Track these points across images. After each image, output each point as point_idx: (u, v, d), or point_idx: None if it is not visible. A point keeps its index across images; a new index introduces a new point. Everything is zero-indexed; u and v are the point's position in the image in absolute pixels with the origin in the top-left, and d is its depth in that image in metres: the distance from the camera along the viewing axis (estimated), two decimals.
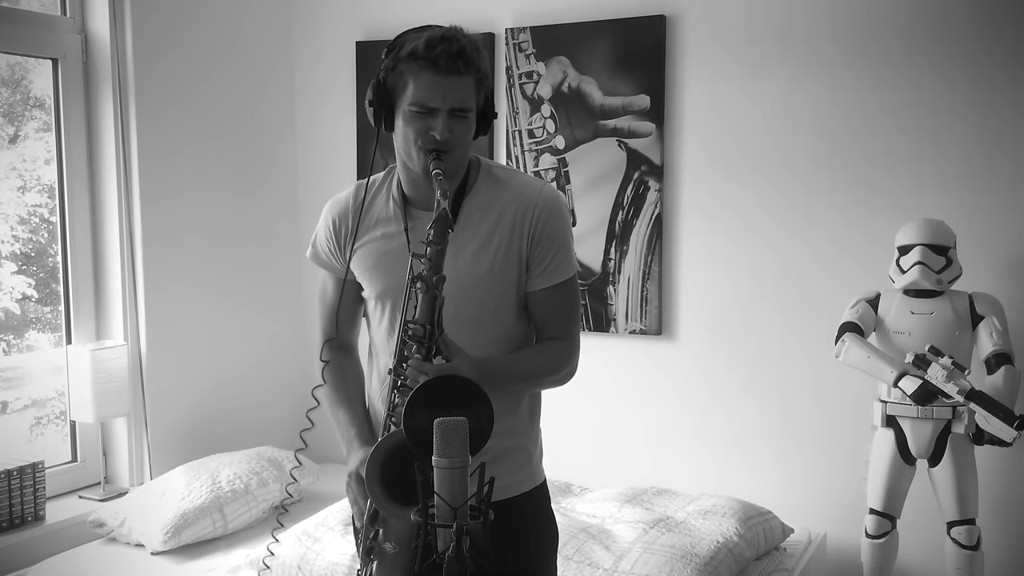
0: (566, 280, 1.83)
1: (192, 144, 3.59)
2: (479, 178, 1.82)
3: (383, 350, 1.84)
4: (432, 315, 1.60)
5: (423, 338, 1.60)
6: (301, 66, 4.02)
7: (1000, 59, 2.98)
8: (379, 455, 1.58)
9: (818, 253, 3.25)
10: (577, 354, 1.86)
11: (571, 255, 1.84)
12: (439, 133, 1.67)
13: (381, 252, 1.83)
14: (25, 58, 3.30)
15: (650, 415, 3.54)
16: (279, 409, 3.96)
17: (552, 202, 1.81)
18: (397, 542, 1.68)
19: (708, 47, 3.35)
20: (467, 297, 1.77)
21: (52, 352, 3.45)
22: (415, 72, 1.66)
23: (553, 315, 1.83)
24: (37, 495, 3.09)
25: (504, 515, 1.70)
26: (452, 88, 1.67)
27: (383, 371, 1.82)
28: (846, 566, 3.21)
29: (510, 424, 1.83)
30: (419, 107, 1.67)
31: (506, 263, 1.78)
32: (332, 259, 1.92)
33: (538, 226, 1.78)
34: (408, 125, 1.70)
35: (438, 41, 1.66)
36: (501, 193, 1.80)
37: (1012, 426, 2.55)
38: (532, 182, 1.86)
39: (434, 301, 1.60)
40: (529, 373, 1.82)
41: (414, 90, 1.67)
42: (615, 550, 2.74)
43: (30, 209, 3.41)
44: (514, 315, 1.82)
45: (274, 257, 3.98)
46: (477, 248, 1.78)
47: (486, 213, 1.79)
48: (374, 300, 1.86)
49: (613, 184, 3.49)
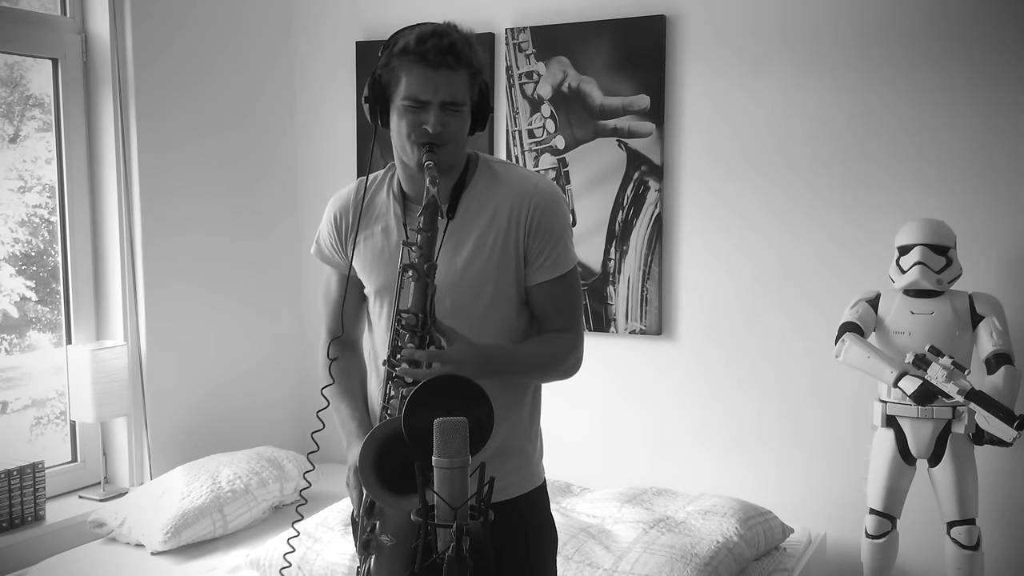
0: (566, 273, 1.83)
1: (192, 143, 3.59)
2: (477, 173, 1.83)
3: (383, 346, 1.83)
4: (424, 303, 1.60)
5: (415, 327, 1.60)
6: (301, 66, 4.03)
7: (1001, 58, 2.98)
8: (373, 444, 1.58)
9: (818, 253, 3.25)
10: (582, 345, 1.86)
11: (570, 247, 1.84)
12: (431, 126, 1.68)
13: (380, 247, 1.84)
14: (25, 58, 3.30)
15: (650, 415, 3.54)
16: (279, 409, 3.96)
17: (548, 195, 1.81)
18: (394, 535, 1.68)
19: (708, 47, 3.35)
20: (465, 291, 1.77)
21: (52, 352, 3.45)
22: (407, 67, 1.69)
23: (555, 308, 1.83)
24: (37, 495, 3.09)
25: (503, 518, 1.70)
26: (443, 82, 1.68)
27: (382, 372, 1.82)
28: (846, 566, 3.21)
29: (511, 423, 1.83)
30: (411, 101, 1.69)
31: (504, 256, 1.78)
32: (335, 254, 1.93)
33: (534, 219, 1.78)
34: (401, 119, 1.72)
35: (429, 36, 1.68)
36: (498, 187, 1.81)
37: (1012, 426, 2.55)
38: (529, 175, 1.86)
39: (426, 289, 1.60)
40: (534, 362, 1.81)
41: (406, 84, 1.69)
42: (615, 550, 2.74)
43: (30, 209, 3.41)
44: (514, 309, 1.82)
45: (274, 257, 3.98)
46: (474, 242, 1.78)
47: (483, 207, 1.79)
48: (373, 296, 1.87)
49: (613, 184, 3.49)
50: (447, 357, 1.61)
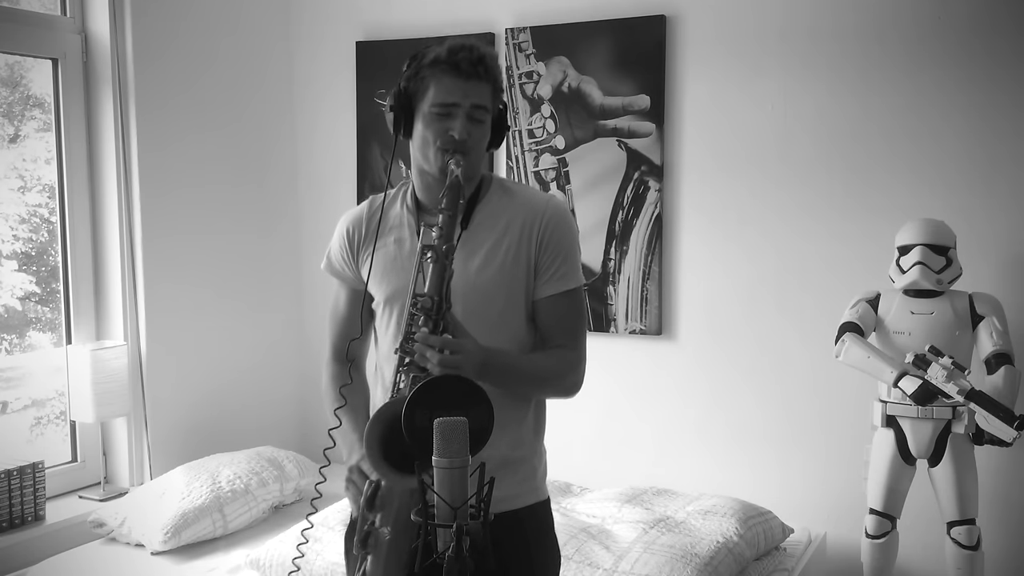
0: (572, 289, 1.86)
1: (192, 143, 3.59)
2: (491, 189, 1.88)
3: (387, 361, 1.85)
4: (441, 287, 1.62)
5: (431, 310, 1.62)
6: (301, 66, 4.03)
7: (1001, 57, 2.98)
8: (380, 421, 1.57)
9: (818, 253, 3.25)
10: (583, 366, 1.89)
11: (578, 267, 1.88)
12: (458, 132, 1.73)
13: (392, 257, 1.87)
14: (25, 58, 3.30)
15: (650, 415, 3.54)
16: (279, 409, 3.96)
17: (560, 212, 1.87)
18: (393, 528, 1.69)
19: (708, 47, 3.35)
20: (477, 298, 1.79)
21: (52, 352, 3.45)
22: (437, 76, 1.75)
23: (559, 324, 1.86)
24: (37, 495, 3.09)
25: (506, 528, 1.70)
26: (472, 90, 1.75)
27: (388, 383, 1.82)
28: (846, 566, 3.21)
29: (516, 435, 1.85)
30: (440, 106, 1.74)
31: (515, 267, 1.82)
32: (346, 268, 1.96)
33: (546, 234, 1.83)
34: (428, 127, 1.76)
35: (460, 48, 1.76)
36: (511, 203, 1.86)
37: (1012, 426, 2.55)
38: (541, 195, 1.94)
39: (444, 272, 1.62)
40: (535, 374, 1.84)
41: (435, 92, 1.75)
42: (615, 550, 2.74)
43: (30, 209, 3.41)
44: (523, 321, 1.85)
45: (274, 257, 3.98)
46: (487, 251, 1.82)
47: (497, 219, 1.84)
48: (382, 305, 1.88)
49: (613, 184, 3.49)
50: (460, 346, 1.62)
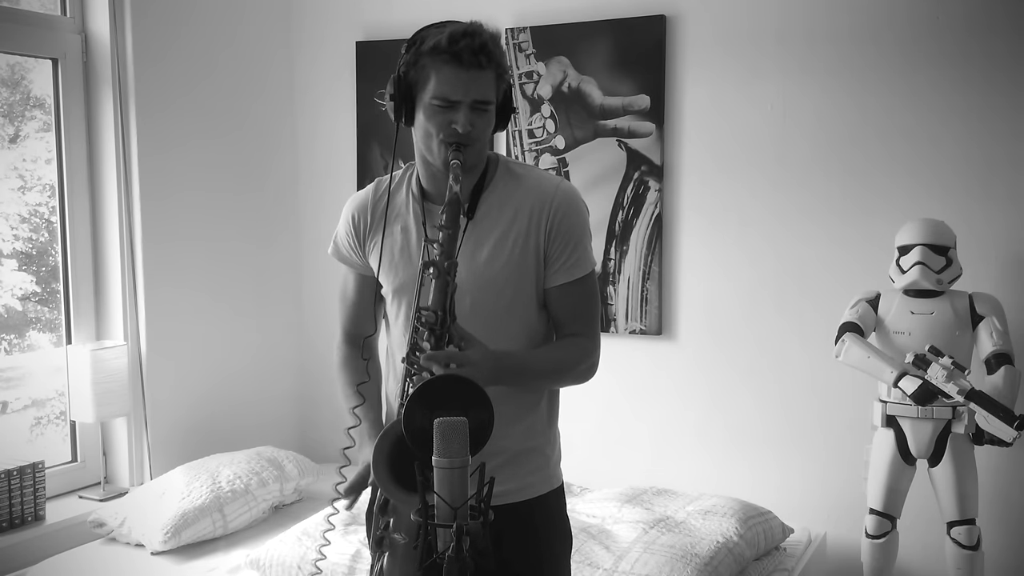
0: (584, 276, 1.82)
1: (192, 143, 3.59)
2: (497, 173, 1.83)
3: (400, 348, 1.82)
4: (444, 301, 1.59)
5: (435, 324, 1.59)
6: (301, 66, 4.02)
7: (998, 59, 2.98)
8: (387, 440, 1.57)
9: (818, 253, 3.25)
10: (598, 349, 1.86)
11: (588, 251, 1.83)
12: (461, 126, 1.68)
13: (399, 246, 1.83)
14: (25, 58, 3.30)
15: (650, 415, 3.54)
16: (279, 409, 3.96)
17: (570, 198, 1.81)
18: (407, 533, 1.68)
19: (708, 47, 3.35)
20: (485, 291, 1.76)
21: (52, 352, 3.45)
22: (437, 66, 1.67)
23: (572, 311, 1.83)
24: (37, 495, 3.09)
25: (517, 519, 1.69)
26: (474, 82, 1.68)
27: (399, 368, 1.81)
28: (846, 566, 3.21)
29: (529, 424, 1.83)
30: (441, 100, 1.68)
31: (524, 257, 1.78)
32: (352, 254, 1.92)
33: (555, 221, 1.78)
34: (429, 120, 1.70)
35: (461, 36, 1.67)
36: (518, 188, 1.81)
37: (1012, 426, 2.55)
38: (550, 178, 1.86)
39: (446, 287, 1.59)
40: (549, 368, 1.81)
41: (436, 84, 1.68)
42: (615, 550, 2.74)
43: (31, 209, 3.41)
44: (533, 311, 1.82)
45: (274, 257, 3.98)
46: (495, 242, 1.78)
47: (503, 208, 1.79)
48: (391, 296, 1.86)
49: (613, 184, 3.49)
50: (467, 359, 1.60)
